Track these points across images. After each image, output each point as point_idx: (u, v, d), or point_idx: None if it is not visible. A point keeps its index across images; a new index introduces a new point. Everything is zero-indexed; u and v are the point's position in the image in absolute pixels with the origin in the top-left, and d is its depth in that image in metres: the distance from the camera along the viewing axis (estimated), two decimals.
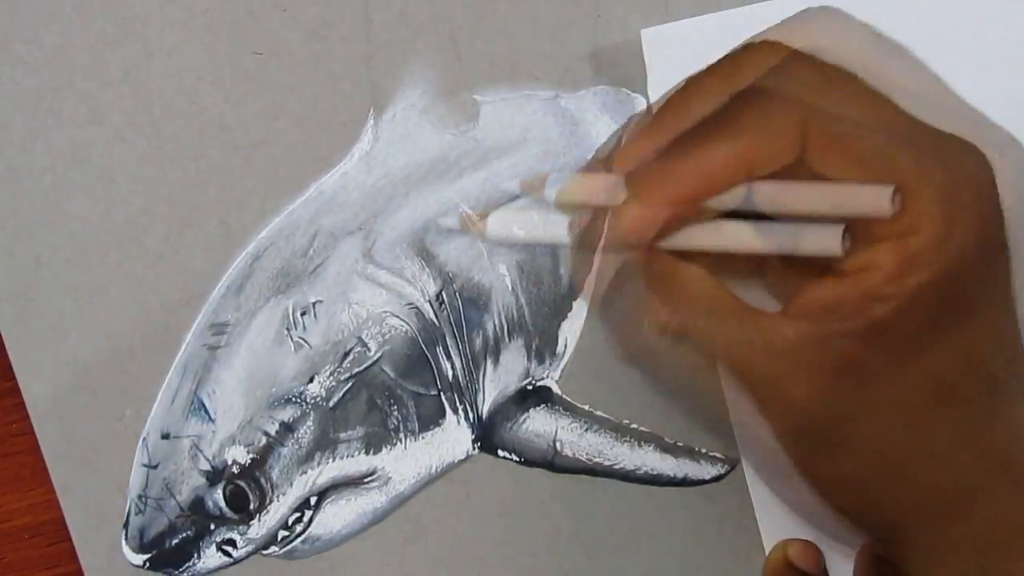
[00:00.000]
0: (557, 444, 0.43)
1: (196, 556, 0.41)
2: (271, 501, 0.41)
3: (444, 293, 0.43)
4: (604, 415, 0.44)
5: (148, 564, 0.41)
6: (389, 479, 0.43)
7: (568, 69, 0.45)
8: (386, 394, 0.42)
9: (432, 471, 0.43)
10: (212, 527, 0.41)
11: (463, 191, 0.44)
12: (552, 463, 0.43)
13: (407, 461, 0.43)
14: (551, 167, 0.45)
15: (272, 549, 0.42)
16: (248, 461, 0.41)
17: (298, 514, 0.42)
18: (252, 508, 0.41)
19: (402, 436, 0.43)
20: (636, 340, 0.34)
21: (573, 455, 0.43)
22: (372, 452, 0.42)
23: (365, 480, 0.42)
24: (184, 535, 0.41)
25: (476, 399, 0.43)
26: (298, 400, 0.42)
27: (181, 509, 0.41)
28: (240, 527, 0.41)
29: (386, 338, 0.43)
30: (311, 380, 0.42)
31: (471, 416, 0.43)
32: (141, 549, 0.41)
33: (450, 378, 0.43)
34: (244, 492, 0.41)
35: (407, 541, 0.43)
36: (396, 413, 0.42)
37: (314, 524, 0.42)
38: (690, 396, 0.43)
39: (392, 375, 0.43)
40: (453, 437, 0.43)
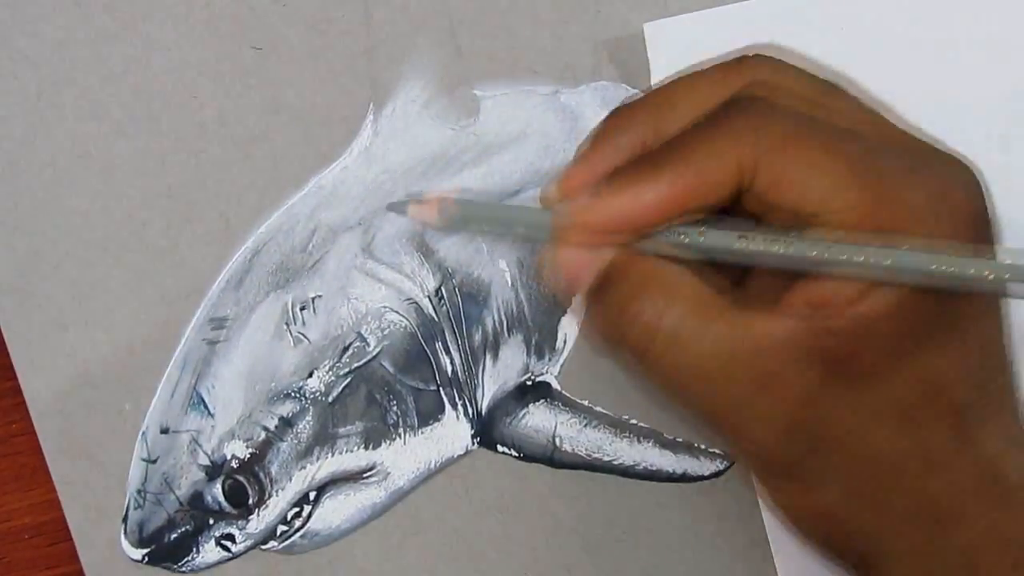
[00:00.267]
0: (556, 440, 0.43)
1: (195, 551, 0.41)
2: (270, 496, 0.41)
3: (443, 288, 0.43)
4: (603, 411, 0.44)
5: (147, 559, 0.41)
6: (388, 474, 0.43)
7: (568, 64, 0.45)
8: (385, 389, 0.42)
9: (431, 466, 0.43)
10: (211, 522, 0.41)
11: (463, 185, 0.44)
12: (551, 458, 0.43)
13: (406, 456, 0.43)
14: (551, 162, 0.45)
15: (271, 544, 0.42)
16: (247, 456, 0.41)
17: (297, 509, 0.42)
18: (251, 503, 0.41)
19: (401, 431, 0.43)
20: (623, 343, 0.34)
21: (572, 451, 0.43)
22: (371, 447, 0.42)
23: (364, 475, 0.42)
24: (183, 530, 0.41)
25: (475, 394, 0.43)
26: (297, 395, 0.42)
27: (180, 504, 0.41)
28: (239, 522, 0.41)
29: (385, 333, 0.43)
30: (310, 375, 0.42)
31: (470, 411, 0.43)
32: (140, 543, 0.41)
33: (449, 373, 0.43)
34: (243, 487, 0.41)
35: (406, 536, 0.43)
36: (395, 408, 0.42)
37: (313, 519, 0.42)
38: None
39: (391, 370, 0.42)
40: (452, 432, 0.43)
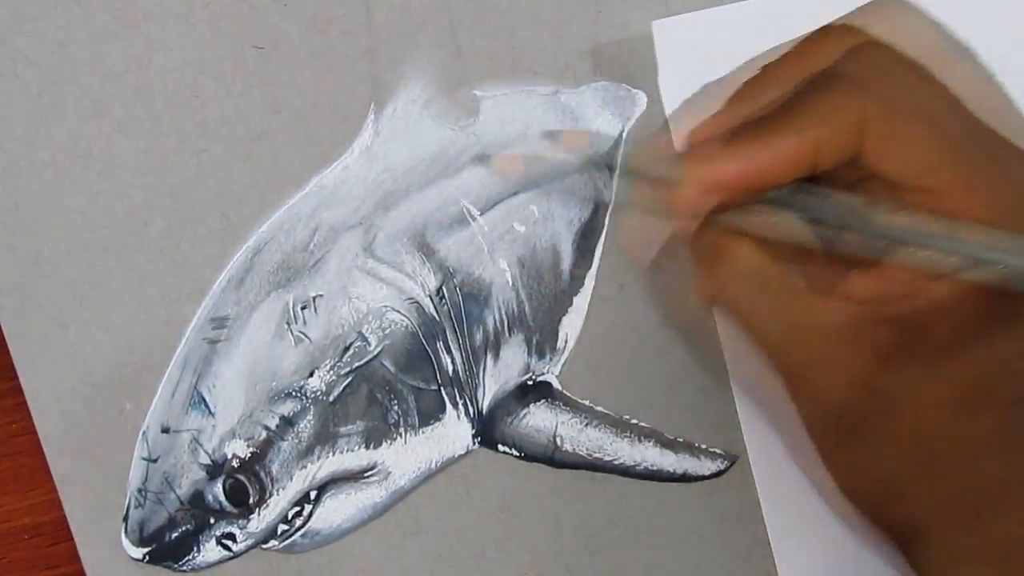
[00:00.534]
0: (557, 439, 0.43)
1: (196, 550, 0.41)
2: (271, 495, 0.41)
3: (444, 288, 0.43)
4: (604, 411, 0.44)
5: (147, 558, 0.41)
6: (389, 473, 0.43)
7: (568, 65, 0.45)
8: (386, 388, 0.42)
9: (432, 466, 0.43)
10: (212, 521, 0.41)
11: (463, 186, 0.44)
12: (552, 458, 0.43)
13: (407, 456, 0.43)
14: (551, 164, 0.45)
15: (272, 543, 0.42)
16: (248, 455, 0.41)
17: (298, 508, 0.42)
18: (252, 502, 0.41)
19: (402, 431, 0.43)
20: (680, 310, 0.35)
21: (573, 450, 0.43)
22: (372, 446, 0.42)
23: (365, 474, 0.42)
24: (184, 529, 0.41)
25: (476, 394, 0.43)
26: (298, 394, 0.42)
27: (181, 503, 0.41)
28: (240, 521, 0.41)
29: (386, 332, 0.43)
30: (311, 374, 0.42)
31: (471, 411, 0.43)
32: (141, 543, 0.41)
33: (450, 373, 0.43)
34: (244, 486, 0.41)
35: (407, 535, 0.43)
36: (396, 408, 0.42)
37: (314, 518, 0.42)
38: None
39: (392, 369, 0.42)
40: (453, 432, 0.43)
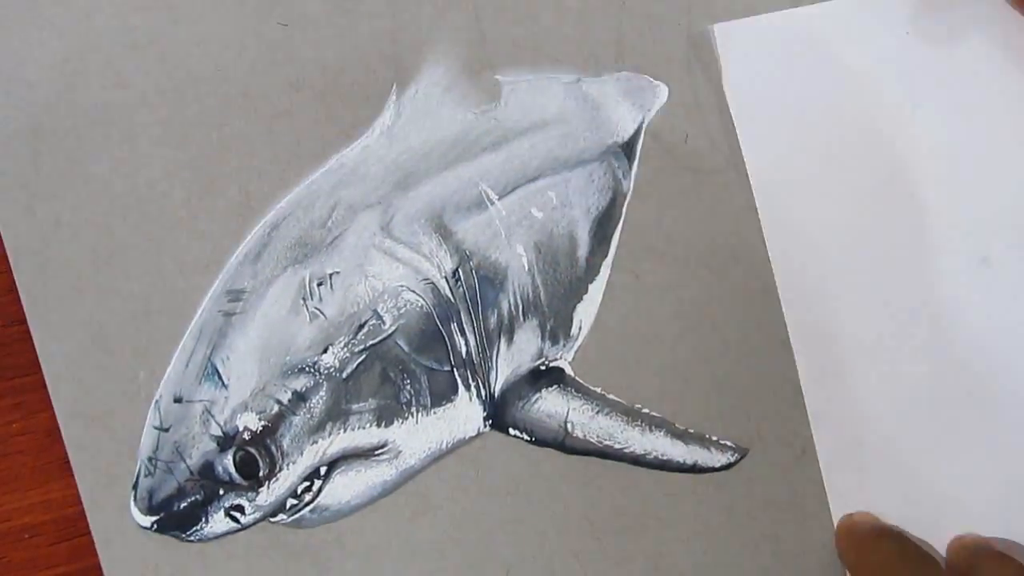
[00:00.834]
0: (568, 425, 0.43)
1: (204, 520, 0.41)
2: (280, 469, 0.41)
3: (460, 270, 0.43)
4: (616, 399, 0.44)
5: (156, 526, 0.41)
6: (399, 452, 0.43)
7: (591, 54, 0.45)
8: (399, 368, 0.42)
9: (442, 446, 0.43)
10: (221, 492, 0.41)
11: (482, 170, 0.44)
12: (563, 444, 0.43)
13: (418, 435, 0.43)
14: (571, 151, 0.45)
15: (280, 517, 0.42)
16: (259, 428, 0.41)
17: (307, 483, 0.42)
18: (261, 475, 0.41)
19: (414, 410, 0.42)
20: None
21: (584, 437, 0.43)
22: (383, 425, 0.42)
23: (375, 452, 0.42)
24: (193, 499, 0.41)
25: (489, 377, 0.43)
26: (311, 370, 0.42)
27: (191, 473, 0.41)
28: (249, 493, 0.41)
29: (401, 312, 0.43)
30: (325, 351, 0.42)
31: (483, 393, 0.43)
32: (149, 511, 0.41)
33: (463, 355, 0.43)
34: (254, 459, 0.41)
35: (415, 515, 0.43)
36: (409, 387, 0.42)
37: (323, 494, 0.42)
38: None
39: (406, 349, 0.42)
40: (464, 414, 0.43)
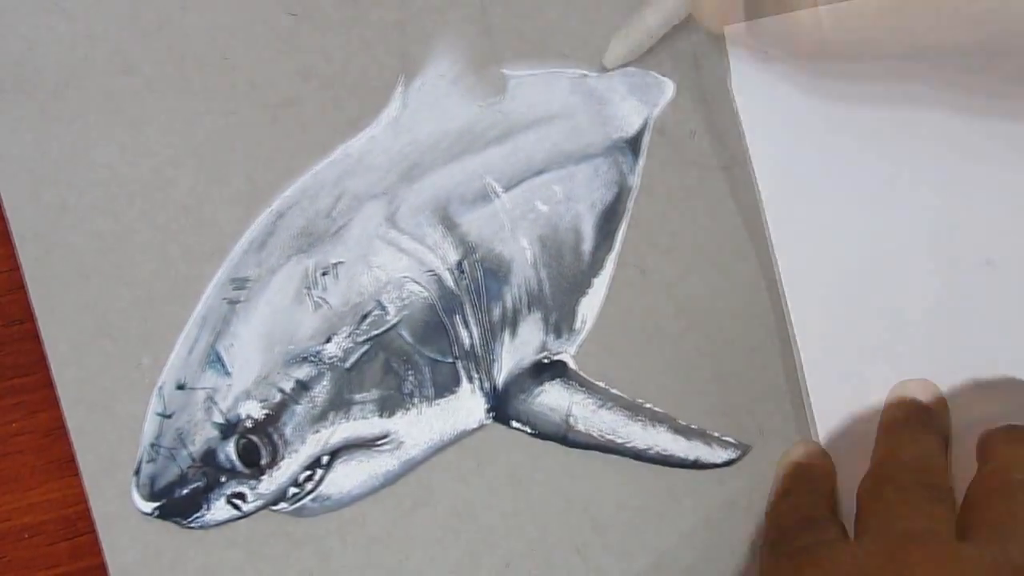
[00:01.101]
0: (570, 419, 0.43)
1: (205, 507, 0.41)
2: (283, 457, 0.41)
3: (465, 262, 0.43)
4: (619, 393, 0.44)
5: (157, 512, 0.41)
6: (402, 443, 0.42)
7: (598, 49, 0.45)
8: (403, 358, 0.42)
9: (445, 438, 0.43)
10: (223, 480, 0.41)
11: (487, 162, 0.44)
12: (565, 437, 0.43)
13: (420, 426, 0.43)
14: (576, 145, 0.45)
15: (282, 505, 0.42)
16: (262, 416, 0.41)
17: (309, 472, 0.42)
18: (263, 463, 0.41)
19: (416, 401, 0.42)
20: None
21: (586, 430, 0.43)
22: (386, 415, 0.42)
23: (378, 443, 0.42)
24: (194, 486, 0.41)
25: (492, 369, 0.43)
26: (315, 359, 0.42)
27: (193, 460, 0.41)
28: (251, 481, 0.41)
29: (405, 303, 0.43)
30: (328, 340, 0.42)
31: (486, 385, 0.43)
32: (151, 497, 0.41)
33: (467, 346, 0.43)
34: (256, 447, 0.41)
35: (416, 506, 0.43)
36: (412, 378, 0.42)
37: (325, 483, 0.42)
38: None
39: (409, 340, 0.42)
40: (467, 405, 0.43)
